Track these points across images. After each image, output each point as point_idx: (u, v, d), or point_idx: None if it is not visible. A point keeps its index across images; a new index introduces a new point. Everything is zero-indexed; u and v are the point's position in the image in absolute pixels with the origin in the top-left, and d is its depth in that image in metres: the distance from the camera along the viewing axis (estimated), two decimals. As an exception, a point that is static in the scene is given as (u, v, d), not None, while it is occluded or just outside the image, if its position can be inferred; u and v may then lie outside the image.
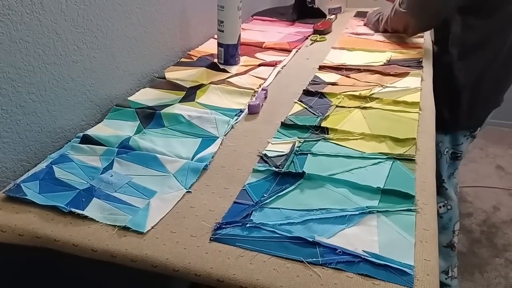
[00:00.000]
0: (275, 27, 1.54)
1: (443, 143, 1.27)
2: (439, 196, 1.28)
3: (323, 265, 0.53)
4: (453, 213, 1.33)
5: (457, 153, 1.29)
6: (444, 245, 1.35)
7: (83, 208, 0.63)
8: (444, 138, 1.27)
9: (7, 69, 0.69)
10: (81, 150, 0.77)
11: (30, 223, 0.60)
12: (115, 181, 0.68)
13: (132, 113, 0.89)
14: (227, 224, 0.60)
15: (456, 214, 1.34)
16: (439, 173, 1.28)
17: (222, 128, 0.84)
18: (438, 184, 1.25)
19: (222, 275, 0.52)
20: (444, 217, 1.33)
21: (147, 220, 0.60)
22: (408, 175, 0.70)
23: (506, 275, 1.63)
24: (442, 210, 1.33)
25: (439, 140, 1.24)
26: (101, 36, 0.89)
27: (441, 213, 1.32)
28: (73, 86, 0.84)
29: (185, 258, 0.54)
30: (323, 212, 0.62)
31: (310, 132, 0.83)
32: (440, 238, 1.30)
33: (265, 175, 0.70)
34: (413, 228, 0.59)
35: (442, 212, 1.33)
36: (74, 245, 0.57)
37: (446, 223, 1.33)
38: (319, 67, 1.14)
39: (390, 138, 0.79)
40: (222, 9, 1.09)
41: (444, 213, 1.33)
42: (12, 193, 0.65)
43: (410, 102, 0.92)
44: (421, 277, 0.51)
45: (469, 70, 1.20)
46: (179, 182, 0.69)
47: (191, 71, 1.11)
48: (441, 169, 1.29)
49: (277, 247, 0.56)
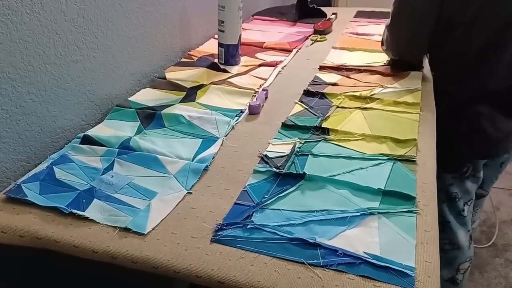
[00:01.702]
0: (275, 27, 1.54)
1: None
2: (444, 233, 1.13)
3: (324, 266, 0.53)
4: (460, 254, 1.18)
5: (451, 195, 1.12)
6: (445, 279, 1.22)
7: (83, 209, 0.63)
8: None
9: (7, 69, 0.69)
10: (81, 151, 0.76)
11: (30, 224, 0.60)
12: (115, 182, 0.68)
13: (132, 113, 0.89)
14: (228, 225, 0.60)
15: (465, 256, 1.19)
16: (439, 211, 1.06)
17: (223, 129, 0.84)
18: (441, 221, 1.07)
19: (223, 277, 0.52)
20: (449, 253, 1.18)
21: (147, 221, 0.60)
22: (409, 176, 0.69)
23: (506, 275, 1.63)
24: (447, 247, 1.17)
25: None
26: (101, 36, 0.89)
27: (446, 249, 1.18)
28: (73, 86, 0.83)
29: (186, 259, 0.54)
30: (324, 214, 0.62)
31: (310, 132, 0.83)
32: (442, 272, 1.12)
33: (266, 176, 0.70)
34: (414, 229, 0.59)
35: (447, 248, 1.18)
36: (75, 246, 0.57)
37: (450, 259, 1.20)
38: (319, 68, 1.14)
39: (391, 139, 0.79)
40: (223, 9, 1.09)
41: (450, 250, 1.18)
42: (13, 194, 0.65)
43: (410, 103, 0.92)
44: (422, 279, 0.51)
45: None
46: (179, 183, 0.69)
47: (191, 71, 1.10)
48: (440, 207, 1.04)
49: (278, 249, 0.56)
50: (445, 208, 1.14)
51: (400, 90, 0.99)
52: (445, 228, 1.16)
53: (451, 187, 1.11)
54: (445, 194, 1.12)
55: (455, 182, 1.11)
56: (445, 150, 0.92)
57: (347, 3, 2.76)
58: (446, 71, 1.07)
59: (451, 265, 1.20)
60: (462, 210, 1.14)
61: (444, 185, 1.11)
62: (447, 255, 1.19)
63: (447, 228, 1.16)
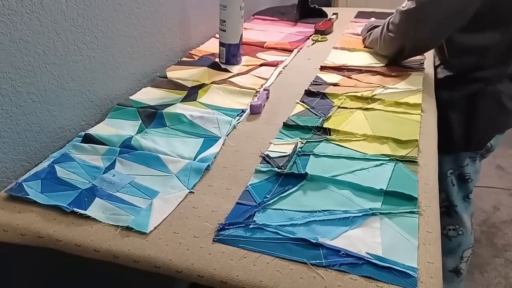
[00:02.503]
0: (276, 26, 1.54)
1: (445, 163, 1.13)
2: (450, 218, 1.19)
3: (327, 267, 0.53)
4: (464, 240, 1.21)
5: (465, 175, 1.16)
6: (450, 269, 1.24)
7: (85, 208, 0.62)
8: (444, 159, 1.09)
9: (7, 69, 0.69)
10: (83, 149, 0.76)
11: (32, 223, 0.60)
12: (117, 181, 0.68)
13: (133, 112, 0.89)
14: (230, 225, 0.59)
15: (468, 241, 1.22)
16: (447, 195, 1.18)
17: (224, 128, 0.84)
18: (448, 205, 1.17)
19: (226, 277, 0.52)
20: (453, 240, 1.21)
21: (149, 220, 0.60)
22: (411, 177, 0.69)
23: (506, 275, 1.63)
24: (451, 233, 1.20)
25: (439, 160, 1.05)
26: (101, 36, 0.89)
27: (450, 236, 1.21)
28: (73, 86, 0.83)
29: (188, 259, 0.54)
30: (326, 214, 0.61)
31: (312, 133, 0.83)
32: (446, 262, 1.20)
33: (268, 176, 0.70)
34: (416, 230, 0.59)
35: (451, 235, 1.21)
36: (76, 245, 0.57)
37: (454, 247, 1.22)
38: (320, 68, 1.14)
39: (393, 140, 0.79)
40: (224, 8, 1.09)
41: (454, 237, 1.21)
42: (14, 192, 0.65)
43: (412, 104, 0.92)
44: (425, 280, 0.51)
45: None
46: (181, 182, 0.68)
47: (192, 71, 1.10)
48: (448, 191, 1.17)
49: (280, 249, 0.56)
50: (455, 192, 1.17)
51: (402, 90, 0.99)
52: (451, 213, 1.18)
53: (466, 168, 1.15)
54: (458, 176, 1.16)
55: (470, 162, 1.15)
56: (467, 129, 1.03)
57: (347, 3, 2.77)
58: (470, 61, 1.09)
59: (455, 253, 1.23)
60: (471, 192, 1.18)
61: (458, 167, 1.15)
62: (451, 243, 1.21)
63: (453, 213, 1.18)
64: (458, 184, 1.16)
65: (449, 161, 1.14)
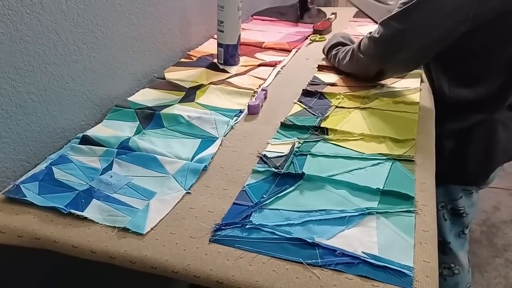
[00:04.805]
0: (275, 27, 1.54)
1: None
2: (443, 256, 1.08)
3: (323, 266, 0.53)
4: (461, 279, 1.10)
5: (458, 210, 1.04)
6: None
7: (82, 209, 0.63)
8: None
9: (7, 69, 0.69)
10: (80, 151, 0.77)
11: (29, 224, 0.60)
12: (114, 182, 0.68)
13: (131, 113, 0.89)
14: (226, 225, 0.60)
15: (466, 281, 1.10)
16: (439, 231, 0.94)
17: (222, 129, 0.84)
18: (440, 241, 0.96)
19: (222, 277, 0.52)
20: (448, 280, 1.10)
21: (146, 221, 0.60)
22: (408, 176, 0.69)
23: (506, 275, 1.63)
24: (446, 272, 1.09)
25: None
26: (101, 36, 0.89)
27: (445, 275, 1.09)
28: (73, 86, 0.83)
29: (184, 259, 0.54)
30: (323, 213, 0.62)
31: (309, 132, 0.83)
32: None
33: (265, 176, 0.70)
34: (413, 229, 0.59)
35: (446, 274, 1.09)
36: (73, 247, 0.57)
37: (450, 287, 1.11)
38: (318, 67, 1.14)
39: (390, 139, 0.79)
40: (222, 9, 1.09)
41: (449, 276, 1.09)
42: (12, 194, 0.65)
43: (409, 103, 0.92)
44: (421, 279, 0.51)
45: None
46: (178, 183, 0.69)
47: (190, 72, 1.11)
48: (440, 227, 1.04)
49: (277, 249, 0.56)
50: (447, 227, 1.07)
51: (399, 89, 0.99)
52: (445, 250, 1.08)
53: (460, 201, 1.04)
54: (450, 211, 1.05)
55: (464, 195, 1.04)
56: (465, 162, 0.93)
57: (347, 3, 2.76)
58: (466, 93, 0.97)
59: None
60: (466, 227, 1.08)
61: (450, 200, 1.04)
62: (447, 283, 1.11)
63: (446, 250, 1.08)
64: (452, 219, 1.06)
65: (439, 193, 0.90)
